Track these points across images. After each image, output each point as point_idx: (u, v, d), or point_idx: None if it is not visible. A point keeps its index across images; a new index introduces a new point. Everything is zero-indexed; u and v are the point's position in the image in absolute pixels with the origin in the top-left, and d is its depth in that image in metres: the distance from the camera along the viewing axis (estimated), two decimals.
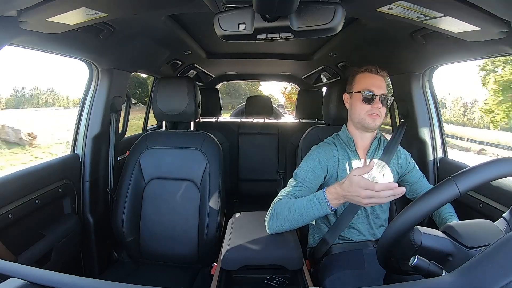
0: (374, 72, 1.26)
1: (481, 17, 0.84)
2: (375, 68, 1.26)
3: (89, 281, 0.52)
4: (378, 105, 1.22)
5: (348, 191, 0.92)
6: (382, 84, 1.25)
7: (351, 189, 0.91)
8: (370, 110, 1.22)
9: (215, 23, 0.91)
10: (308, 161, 1.23)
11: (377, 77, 1.25)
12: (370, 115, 1.23)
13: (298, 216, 1.03)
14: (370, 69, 1.27)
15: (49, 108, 10.89)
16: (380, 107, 1.22)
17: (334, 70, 2.52)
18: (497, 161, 0.67)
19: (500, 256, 0.45)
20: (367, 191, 0.87)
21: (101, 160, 1.64)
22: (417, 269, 0.65)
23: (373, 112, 1.22)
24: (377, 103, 1.22)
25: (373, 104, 1.22)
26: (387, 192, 0.85)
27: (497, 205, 1.13)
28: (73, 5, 0.91)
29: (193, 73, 2.80)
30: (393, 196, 0.85)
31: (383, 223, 1.31)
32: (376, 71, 1.26)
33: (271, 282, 0.95)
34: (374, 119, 1.23)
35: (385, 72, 1.27)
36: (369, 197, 0.88)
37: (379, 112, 1.23)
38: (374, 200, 0.88)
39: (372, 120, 1.23)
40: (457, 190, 0.65)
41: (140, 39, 1.57)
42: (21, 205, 1.15)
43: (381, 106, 1.22)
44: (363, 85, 1.25)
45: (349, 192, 0.92)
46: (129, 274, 1.42)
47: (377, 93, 1.22)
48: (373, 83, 1.24)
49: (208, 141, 1.55)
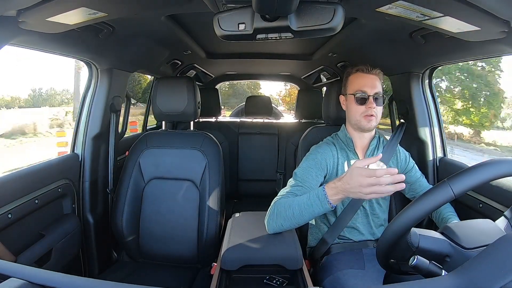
0: (366, 72, 1.25)
1: (480, 17, 0.84)
2: (366, 68, 1.25)
3: (89, 281, 0.52)
4: (372, 105, 1.21)
5: (348, 183, 0.92)
6: (375, 83, 1.23)
7: (351, 181, 0.91)
8: (365, 111, 1.22)
9: (214, 23, 0.91)
10: (308, 161, 1.23)
11: (369, 76, 1.24)
12: (365, 117, 1.22)
13: (297, 214, 1.02)
14: (361, 68, 1.26)
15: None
16: (374, 106, 1.21)
17: (333, 70, 2.52)
18: (491, 163, 0.67)
19: (499, 256, 0.45)
20: (369, 179, 0.87)
21: (101, 160, 1.64)
22: (417, 269, 0.66)
23: (368, 113, 1.21)
24: (370, 103, 1.21)
25: (367, 104, 1.21)
26: (388, 179, 0.85)
27: (497, 205, 1.13)
28: (73, 5, 0.90)
29: (192, 73, 2.80)
30: (393, 186, 0.86)
31: (383, 222, 1.32)
32: (367, 70, 1.25)
33: (271, 282, 0.95)
34: (369, 120, 1.22)
35: (377, 70, 1.26)
36: (370, 185, 0.87)
37: (374, 112, 1.22)
38: (375, 188, 0.87)
39: (368, 121, 1.22)
40: (451, 193, 0.66)
41: (140, 39, 1.57)
42: (20, 205, 1.15)
43: (375, 105, 1.21)
44: (356, 86, 1.24)
45: (349, 184, 0.92)
46: (129, 274, 1.42)
47: (370, 93, 1.21)
48: (365, 83, 1.23)
49: (207, 141, 1.55)
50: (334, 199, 0.98)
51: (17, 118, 10.33)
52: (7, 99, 13.66)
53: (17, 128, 9.68)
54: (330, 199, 0.97)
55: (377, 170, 0.86)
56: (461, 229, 0.71)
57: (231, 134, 2.73)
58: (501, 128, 10.18)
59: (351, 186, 0.91)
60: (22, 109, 12.74)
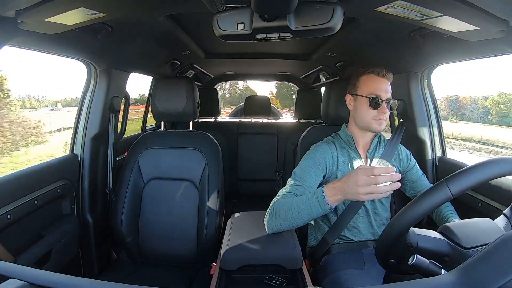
0: (381, 75, 1.22)
1: (479, 16, 0.84)
2: (382, 71, 1.22)
3: (89, 282, 0.52)
4: (385, 110, 1.20)
5: (345, 182, 0.92)
6: (388, 88, 1.22)
7: (349, 180, 0.91)
8: (377, 115, 1.21)
9: (213, 23, 0.91)
10: (307, 160, 1.23)
11: (383, 81, 1.22)
12: (376, 120, 1.21)
13: (296, 215, 1.02)
14: (377, 71, 1.22)
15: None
16: (386, 111, 1.20)
17: (332, 70, 2.52)
18: (489, 162, 0.68)
19: (499, 255, 0.45)
20: (366, 177, 0.87)
21: (100, 160, 1.64)
22: (416, 269, 0.66)
23: (379, 117, 1.21)
24: (383, 108, 1.20)
25: (380, 109, 1.20)
26: (386, 177, 0.85)
27: (496, 204, 1.14)
28: (72, 5, 0.90)
29: (191, 73, 2.79)
30: (389, 186, 0.85)
31: (385, 221, 1.31)
32: (383, 74, 1.22)
33: (271, 282, 0.95)
34: (380, 123, 1.22)
35: (390, 74, 1.23)
36: (367, 184, 0.86)
37: (385, 117, 1.21)
38: (372, 188, 0.86)
39: (379, 124, 1.22)
40: (449, 193, 0.66)
41: (139, 39, 1.57)
42: (20, 205, 1.15)
43: (387, 111, 1.21)
44: (370, 89, 1.22)
45: (347, 182, 0.91)
46: (128, 275, 1.42)
47: (383, 98, 1.20)
48: (380, 87, 1.21)
49: (207, 141, 1.55)
50: (333, 200, 0.97)
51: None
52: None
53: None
54: (328, 200, 0.97)
55: (375, 168, 0.86)
56: (460, 228, 0.71)
57: (230, 134, 2.73)
58: None
59: (348, 185, 0.91)
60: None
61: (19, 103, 8.55)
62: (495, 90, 16.35)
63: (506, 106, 13.23)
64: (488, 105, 14.65)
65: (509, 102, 13.38)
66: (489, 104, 14.75)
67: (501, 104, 13.85)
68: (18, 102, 8.39)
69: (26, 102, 9.92)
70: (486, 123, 12.18)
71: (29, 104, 10.02)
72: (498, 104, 14.07)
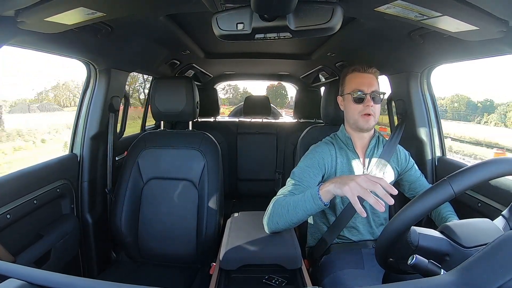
0: (362, 71, 1.26)
1: (479, 16, 0.84)
2: (362, 67, 1.26)
3: (88, 282, 0.52)
4: (370, 103, 1.22)
5: (342, 176, 0.94)
6: (372, 82, 1.24)
7: (349, 176, 0.92)
8: (363, 110, 1.22)
9: (213, 23, 0.91)
10: (306, 160, 1.23)
11: (366, 75, 1.25)
12: (363, 116, 1.23)
13: (291, 211, 1.01)
14: (358, 68, 1.27)
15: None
16: (372, 105, 1.22)
17: (332, 70, 2.52)
18: (492, 161, 0.68)
19: (499, 255, 0.45)
20: (366, 180, 0.86)
21: (100, 160, 1.63)
22: (416, 268, 0.66)
23: (366, 111, 1.22)
24: (368, 101, 1.22)
25: (364, 103, 1.22)
26: (383, 192, 0.82)
27: (496, 204, 1.14)
28: (71, 5, 0.90)
29: (191, 73, 2.79)
30: (376, 199, 0.82)
31: (383, 221, 1.32)
32: (364, 69, 1.26)
33: (270, 282, 0.95)
34: (367, 119, 1.23)
35: (373, 69, 1.27)
36: (364, 182, 0.85)
37: (372, 111, 1.22)
38: (363, 189, 0.84)
39: (366, 121, 1.23)
40: (452, 191, 0.66)
41: (138, 39, 1.57)
42: (19, 205, 1.15)
43: (373, 103, 1.22)
44: (353, 86, 1.25)
45: (344, 176, 0.93)
46: (128, 274, 1.42)
47: (367, 91, 1.22)
48: (362, 82, 1.24)
49: (206, 141, 1.55)
50: (323, 191, 0.95)
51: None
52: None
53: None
54: (320, 193, 0.95)
55: (383, 179, 0.85)
56: (460, 228, 0.71)
57: (230, 134, 2.72)
58: None
59: (343, 178, 0.91)
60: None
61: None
62: (450, 92, 23.77)
63: (459, 105, 18.38)
64: (444, 103, 20.19)
65: (461, 101, 18.88)
66: (445, 103, 20.44)
67: (455, 103, 18.94)
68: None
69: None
70: (443, 119, 14.84)
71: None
72: (452, 103, 19.48)
